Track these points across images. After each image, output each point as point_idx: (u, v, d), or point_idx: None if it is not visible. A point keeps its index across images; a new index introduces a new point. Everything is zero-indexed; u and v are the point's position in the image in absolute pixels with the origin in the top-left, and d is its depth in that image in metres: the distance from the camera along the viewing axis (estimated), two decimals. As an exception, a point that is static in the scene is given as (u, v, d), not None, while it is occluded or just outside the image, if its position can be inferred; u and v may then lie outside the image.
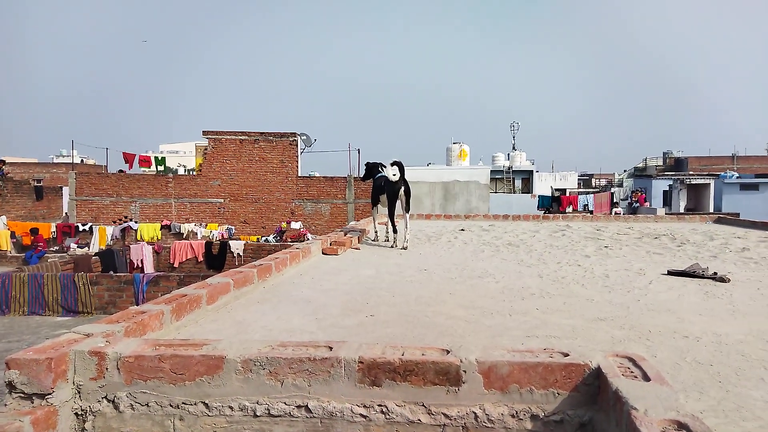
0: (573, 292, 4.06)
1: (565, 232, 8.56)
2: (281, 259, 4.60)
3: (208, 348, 1.98)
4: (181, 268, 18.10)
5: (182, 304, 2.90)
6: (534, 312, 3.40)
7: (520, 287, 4.20)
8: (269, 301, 3.61)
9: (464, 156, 34.71)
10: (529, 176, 37.76)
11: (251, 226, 23.25)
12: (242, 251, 18.00)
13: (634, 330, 2.99)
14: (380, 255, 6.14)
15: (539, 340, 2.78)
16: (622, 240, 7.52)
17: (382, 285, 4.27)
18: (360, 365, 1.88)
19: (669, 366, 2.40)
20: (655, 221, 10.80)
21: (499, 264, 5.44)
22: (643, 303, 3.67)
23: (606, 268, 5.18)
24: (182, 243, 18.64)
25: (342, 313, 3.32)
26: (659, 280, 4.55)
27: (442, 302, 3.66)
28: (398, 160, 6.57)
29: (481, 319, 3.20)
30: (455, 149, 34.89)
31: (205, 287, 3.25)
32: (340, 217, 23.13)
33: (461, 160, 34.28)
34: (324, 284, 4.24)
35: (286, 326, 3.00)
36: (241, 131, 23.47)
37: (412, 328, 3.00)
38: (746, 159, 43.34)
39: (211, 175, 23.28)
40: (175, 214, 23.10)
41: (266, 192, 23.36)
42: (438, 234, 8.24)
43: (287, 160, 23.34)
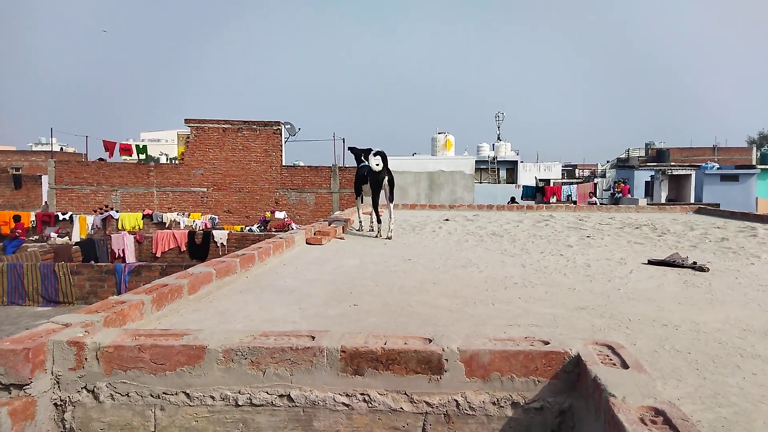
0: (555, 281, 4.10)
1: (548, 222, 8.64)
2: (264, 249, 4.58)
3: (189, 338, 1.97)
4: (163, 257, 17.93)
5: (163, 294, 2.88)
6: (516, 301, 3.43)
7: (503, 277, 4.23)
8: (252, 290, 3.60)
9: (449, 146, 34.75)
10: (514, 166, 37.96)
11: (235, 215, 23.09)
12: (226, 241, 17.88)
13: (614, 318, 3.04)
14: (364, 245, 6.13)
15: (521, 329, 2.80)
16: (604, 230, 7.60)
17: (366, 275, 4.27)
18: (342, 354, 1.88)
19: (648, 354, 2.44)
20: (637, 211, 10.93)
21: (482, 254, 5.47)
22: (624, 292, 3.72)
23: (588, 257, 5.24)
24: (164, 232, 18.46)
25: (325, 303, 3.31)
26: (640, 269, 4.61)
27: (426, 292, 3.68)
28: (381, 150, 6.56)
29: (464, 309, 3.22)
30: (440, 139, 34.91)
31: (186, 277, 3.23)
32: (325, 206, 23.06)
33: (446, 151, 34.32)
34: (308, 274, 4.23)
35: (268, 316, 3.00)
36: (224, 120, 23.21)
37: (396, 317, 3.01)
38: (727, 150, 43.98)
39: (194, 164, 23.02)
40: (157, 203, 22.84)
41: (250, 181, 23.19)
42: (423, 224, 8.26)
43: (271, 149, 23.17)
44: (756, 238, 6.65)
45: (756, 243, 6.22)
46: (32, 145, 51.95)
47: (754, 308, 3.30)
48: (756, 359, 2.40)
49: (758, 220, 8.71)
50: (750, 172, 28.61)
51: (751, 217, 9.13)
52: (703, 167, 30.04)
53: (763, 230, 7.31)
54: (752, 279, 4.20)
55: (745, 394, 2.03)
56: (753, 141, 55.74)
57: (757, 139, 56.93)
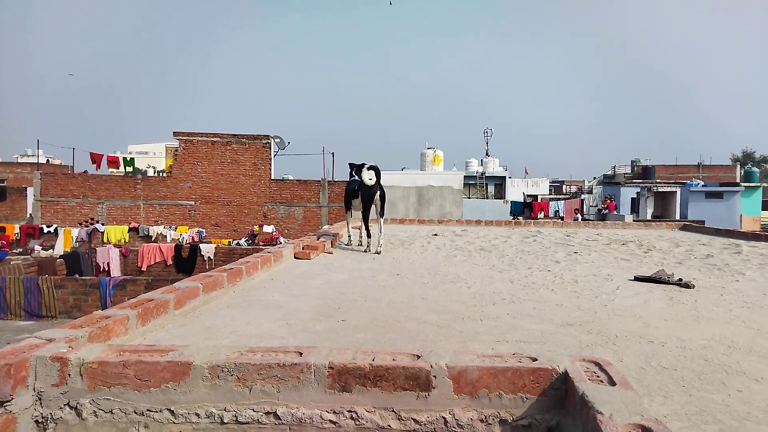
0: (543, 297, 4.11)
1: (536, 237, 8.69)
2: (252, 263, 4.55)
3: (174, 354, 1.95)
4: (149, 271, 17.74)
5: (149, 309, 2.85)
6: (505, 317, 3.43)
7: (491, 292, 4.24)
8: (239, 305, 3.57)
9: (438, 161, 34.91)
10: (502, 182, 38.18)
11: (223, 229, 22.95)
12: (213, 255, 17.75)
13: (601, 335, 3.05)
14: (353, 259, 6.12)
15: (509, 345, 2.80)
16: (591, 246, 7.66)
17: (355, 290, 4.27)
18: (330, 371, 1.87)
19: (634, 370, 2.45)
20: (623, 228, 11.04)
21: (471, 269, 5.49)
22: (611, 308, 3.74)
23: (575, 273, 5.27)
24: (151, 246, 18.29)
25: (313, 318, 3.30)
26: (626, 285, 4.65)
27: (414, 307, 3.67)
28: (374, 165, 6.58)
29: (452, 324, 3.22)
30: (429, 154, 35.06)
31: (173, 291, 3.20)
32: (314, 220, 23.02)
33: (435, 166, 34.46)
34: (295, 289, 4.21)
35: (256, 331, 2.97)
36: (213, 133, 23.18)
37: (384, 333, 3.00)
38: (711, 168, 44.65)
39: (182, 177, 22.91)
40: (143, 216, 22.65)
41: (238, 195, 23.10)
42: (411, 238, 8.27)
43: (260, 162, 23.14)
44: (740, 255, 6.74)
45: (740, 260, 6.30)
46: (18, 156, 51.49)
47: (739, 325, 3.34)
48: (741, 376, 2.42)
49: (742, 237, 8.83)
50: (734, 189, 29.04)
51: (735, 234, 9.25)
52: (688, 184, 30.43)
53: (748, 247, 7.41)
54: (737, 296, 4.25)
55: (730, 411, 2.04)
56: (737, 159, 56.72)
57: (740, 157, 57.96)
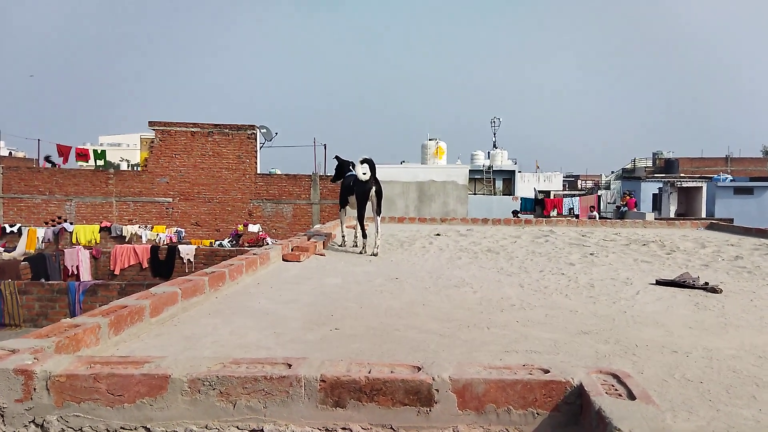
0: (556, 303, 4.13)
1: (548, 237, 8.70)
2: (236, 266, 4.56)
3: (150, 366, 1.95)
4: (122, 275, 17.73)
5: (122, 317, 2.85)
6: (514, 325, 3.45)
7: (499, 298, 4.26)
8: (222, 313, 3.58)
9: (441, 154, 34.95)
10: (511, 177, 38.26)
11: (204, 228, 22.94)
12: (193, 257, 17.75)
13: (619, 344, 3.06)
14: (347, 262, 6.13)
15: (519, 356, 2.81)
16: (609, 247, 7.68)
17: (349, 295, 4.28)
18: (322, 384, 1.87)
19: (656, 383, 2.46)
20: (644, 227, 11.06)
21: (477, 272, 5.50)
22: (630, 315, 3.76)
23: (591, 277, 5.29)
24: (124, 247, 18.27)
25: (303, 327, 3.30)
26: (647, 290, 4.66)
27: (415, 314, 3.68)
28: (368, 158, 6.58)
29: (456, 333, 3.23)
30: (431, 146, 35.11)
31: (148, 297, 3.20)
32: (304, 219, 23.02)
33: (437, 159, 34.51)
34: (284, 294, 4.22)
35: (240, 341, 2.98)
36: (192, 123, 23.16)
37: (381, 342, 3.01)
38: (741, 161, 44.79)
39: (158, 172, 22.89)
40: (116, 214, 22.62)
41: (221, 191, 23.09)
42: (411, 239, 8.28)
43: (245, 155, 23.13)
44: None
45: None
46: (-23, 148, 51.31)
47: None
48: (773, 389, 2.43)
49: (774, 237, 8.84)
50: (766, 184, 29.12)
51: (767, 233, 9.27)
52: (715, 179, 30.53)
53: (780, 248, 7.43)
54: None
55: (761, 427, 2.05)
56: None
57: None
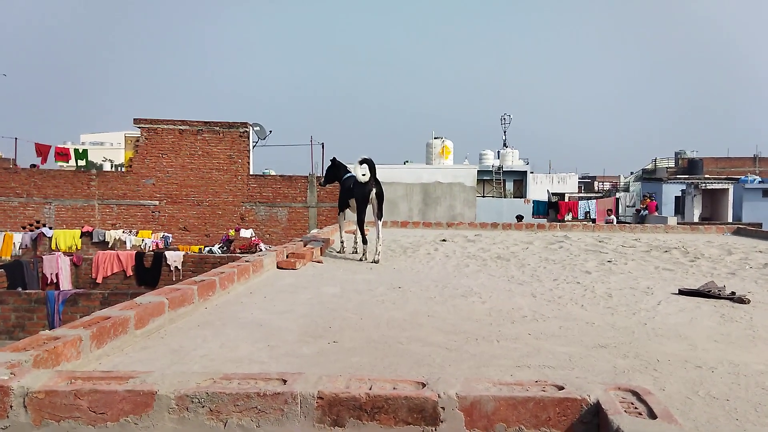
0: (571, 314, 4.13)
1: (562, 243, 8.70)
2: (228, 274, 4.57)
3: (135, 381, 1.95)
4: (105, 284, 17.74)
5: (105, 329, 2.85)
6: (525, 338, 3.45)
7: (510, 308, 4.26)
8: (212, 324, 3.58)
9: (447, 153, 34.96)
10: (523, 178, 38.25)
11: (192, 233, 22.96)
12: (181, 264, 17.75)
13: (639, 359, 3.06)
14: (346, 270, 6.14)
15: (531, 371, 2.81)
16: (628, 253, 7.67)
17: (348, 305, 4.28)
18: (319, 401, 1.87)
19: (679, 401, 2.45)
20: (666, 232, 11.07)
21: (486, 281, 5.50)
22: (651, 327, 3.76)
23: (609, 286, 5.29)
24: (107, 254, 18.29)
25: (299, 340, 3.31)
26: (669, 300, 4.67)
27: (419, 326, 3.69)
28: (368, 158, 6.59)
29: (463, 347, 3.23)
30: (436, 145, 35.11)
31: (133, 308, 3.21)
32: (300, 223, 23.04)
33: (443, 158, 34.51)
34: (279, 304, 4.23)
35: (231, 355, 2.98)
36: (180, 120, 23.20)
37: (383, 356, 3.01)
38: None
39: (144, 172, 22.93)
40: (98, 218, 22.66)
41: (211, 193, 23.12)
42: (415, 245, 8.28)
43: (237, 155, 23.17)
44: (803, 263, 6.75)
45: (803, 270, 6.31)
46: (-51, 147, 51.44)
47: (802, 347, 3.34)
48: (805, 407, 2.42)
49: (806, 243, 8.83)
50: (797, 186, 29.08)
51: (797, 239, 9.26)
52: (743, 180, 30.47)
53: (812, 255, 7.42)
54: (799, 312, 4.26)
55: (792, 448, 2.05)
56: (799, 150, 56.77)
57: (805, 148, 57.98)
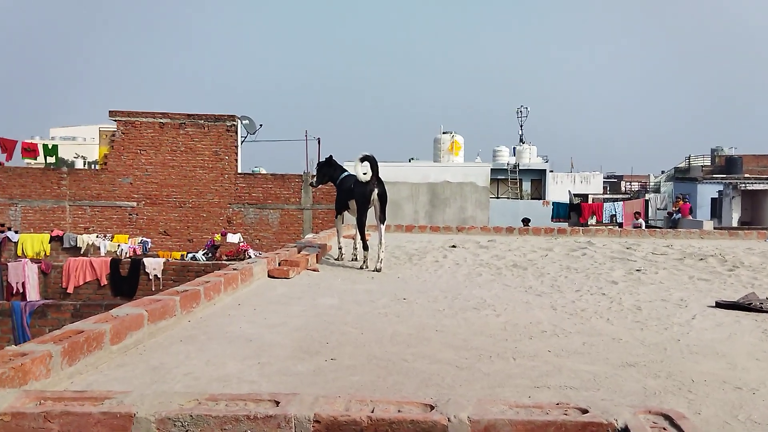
0: (595, 328, 4.13)
1: (586, 250, 8.69)
2: (213, 284, 4.57)
3: (111, 403, 1.96)
4: (77, 294, 17.76)
5: (78, 344, 2.85)
6: (545, 355, 3.45)
7: (527, 322, 4.26)
8: (196, 339, 3.58)
9: (457, 150, 35.01)
10: (541, 177, 38.27)
11: (174, 238, 22.99)
12: (161, 272, 17.76)
13: (672, 378, 3.05)
14: (345, 279, 6.14)
15: (551, 392, 2.81)
16: (659, 262, 7.66)
17: (348, 318, 4.29)
18: (316, 425, 1.87)
19: (716, 426, 2.45)
20: (701, 237, 11.04)
21: (500, 292, 5.50)
22: (685, 343, 3.75)
23: (638, 297, 5.29)
24: (79, 260, 18.32)
25: (293, 356, 3.31)
26: (705, 313, 4.66)
27: (426, 341, 3.69)
28: (370, 155, 6.59)
29: (476, 364, 3.23)
30: (445, 140, 35.18)
31: (109, 321, 3.21)
32: (293, 227, 23.06)
33: (453, 156, 34.57)
34: (270, 317, 4.23)
35: (218, 373, 2.98)
36: (161, 112, 23.26)
37: (386, 375, 3.01)
38: (816, 159, 44.55)
39: (120, 171, 22.98)
40: (69, 221, 22.71)
41: (194, 193, 23.16)
42: (422, 251, 8.28)
43: (223, 151, 23.21)
44: None
45: None
46: None
47: None
48: None
49: None
50: None
51: None
52: (787, 180, 30.40)
53: None
54: None
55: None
56: None
57: None
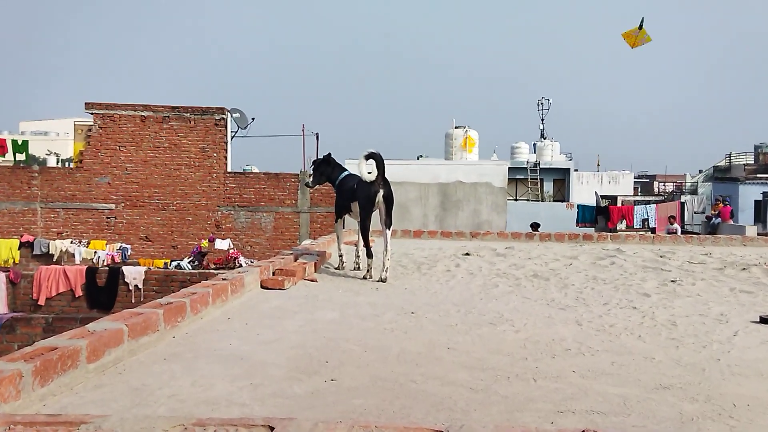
0: (625, 346, 4.12)
1: (615, 258, 8.67)
2: (200, 296, 4.57)
3: (88, 428, 1.96)
4: (49, 306, 17.81)
5: (51, 362, 2.86)
6: (569, 375, 3.44)
7: (549, 339, 4.25)
8: (182, 357, 3.59)
9: (471, 146, 34.94)
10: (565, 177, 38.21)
11: (156, 244, 23.03)
12: (142, 282, 17.80)
13: (711, 403, 3.04)
14: (347, 290, 6.14)
15: (576, 418, 2.80)
16: (696, 272, 7.64)
17: (350, 335, 4.28)
18: (315, 454, 1.87)
19: (761, 455, 2.45)
20: (743, 245, 11.00)
21: (519, 305, 5.50)
22: (725, 363, 3.74)
23: (672, 312, 5.27)
24: (52, 269, 18.37)
25: (289, 376, 3.31)
26: (748, 330, 4.64)
27: (437, 361, 3.68)
28: (375, 152, 6.59)
29: (492, 386, 3.23)
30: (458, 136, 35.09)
31: (85, 336, 3.21)
32: (289, 232, 23.07)
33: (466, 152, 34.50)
34: (263, 333, 4.23)
35: (205, 395, 2.98)
36: (142, 105, 23.29)
37: (392, 398, 3.01)
38: None
39: (97, 169, 23.03)
40: (41, 225, 22.76)
41: (179, 194, 23.19)
42: (432, 260, 8.27)
43: (212, 147, 23.23)
44: None
45: None
46: None
47: None
48: None
49: None
50: None
51: None
52: (840, 180, 30.30)
53: None
54: None
55: None
56: None
57: None
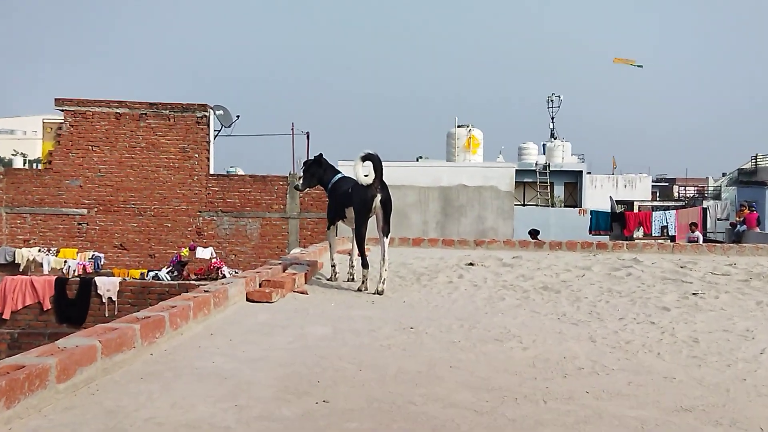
0: (643, 365, 4.12)
1: (631, 269, 8.68)
2: (181, 309, 4.56)
3: (59, 453, 1.96)
4: (14, 320, 17.76)
5: (17, 382, 2.86)
6: (582, 397, 3.44)
7: (560, 357, 4.26)
8: (160, 376, 3.58)
9: (475, 146, 35.01)
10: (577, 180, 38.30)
11: (132, 253, 22.99)
12: (116, 294, 17.76)
13: (736, 426, 3.05)
14: (340, 303, 6.14)
15: (590, 442, 2.81)
16: (720, 284, 7.65)
17: (343, 352, 4.28)
18: (306, 482, 1.87)
19: (791, 484, 2.45)
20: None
21: (527, 320, 5.50)
22: (752, 383, 3.75)
23: (694, 327, 5.28)
24: (17, 280, 18.33)
25: (277, 397, 3.30)
26: (776, 347, 4.65)
27: (438, 380, 3.68)
28: (372, 153, 6.59)
29: (499, 408, 3.23)
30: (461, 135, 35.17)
31: (55, 353, 3.21)
32: (277, 240, 23.05)
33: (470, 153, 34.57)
34: (249, 350, 4.22)
35: (186, 418, 2.98)
36: (117, 101, 23.27)
37: (389, 422, 3.01)
38: None
39: (68, 171, 22.99)
40: (6, 232, 22.72)
41: (157, 199, 23.15)
42: (433, 270, 8.28)
43: (193, 147, 23.21)
44: None
45: None
46: None
47: None
48: None
49: None
50: None
51: None
52: None
53: None
54: None
55: None
56: None
57: None
